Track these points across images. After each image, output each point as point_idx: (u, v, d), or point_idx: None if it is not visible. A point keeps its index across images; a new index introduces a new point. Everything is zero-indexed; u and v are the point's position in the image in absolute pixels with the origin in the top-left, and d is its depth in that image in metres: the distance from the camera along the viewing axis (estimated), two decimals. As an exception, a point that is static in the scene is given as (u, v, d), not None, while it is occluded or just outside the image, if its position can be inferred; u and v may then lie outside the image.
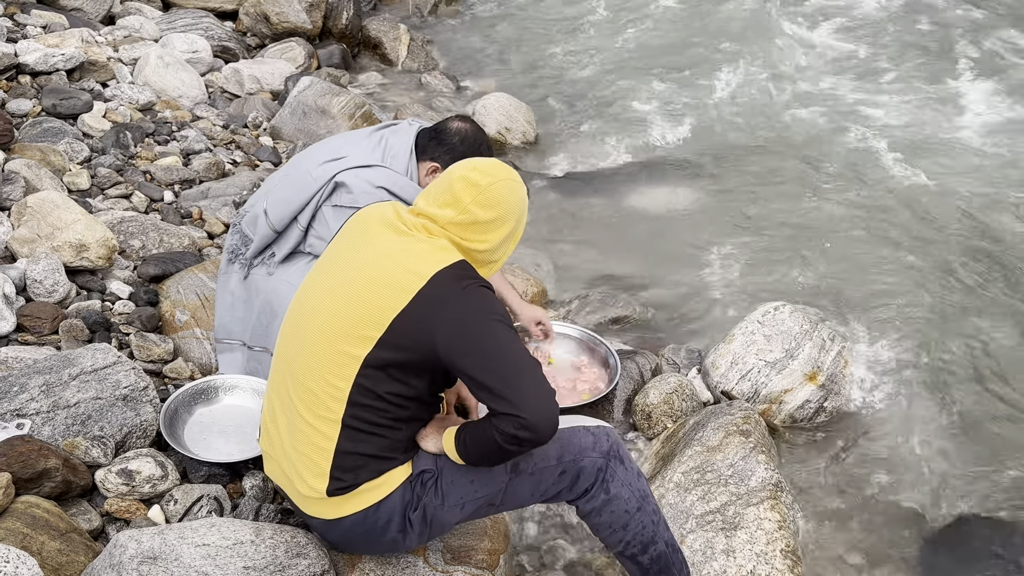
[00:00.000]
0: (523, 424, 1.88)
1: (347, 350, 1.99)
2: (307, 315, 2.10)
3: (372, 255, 2.06)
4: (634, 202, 4.91)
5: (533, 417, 1.88)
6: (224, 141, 4.73)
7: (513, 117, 5.45)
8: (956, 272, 4.25)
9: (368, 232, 2.12)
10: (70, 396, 2.49)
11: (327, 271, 2.13)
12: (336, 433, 2.02)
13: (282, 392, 2.12)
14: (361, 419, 2.02)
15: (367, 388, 2.00)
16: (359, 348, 1.98)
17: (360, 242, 2.11)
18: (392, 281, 1.99)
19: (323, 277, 2.13)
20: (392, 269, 2.01)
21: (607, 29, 7.12)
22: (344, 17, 6.39)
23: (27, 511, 2.15)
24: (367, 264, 2.04)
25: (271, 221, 2.87)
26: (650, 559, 2.26)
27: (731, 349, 3.37)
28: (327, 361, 2.01)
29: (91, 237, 3.24)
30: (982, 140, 5.48)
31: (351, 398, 2.00)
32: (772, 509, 2.70)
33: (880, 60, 6.59)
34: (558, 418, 1.94)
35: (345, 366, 1.99)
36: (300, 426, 2.06)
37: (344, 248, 2.14)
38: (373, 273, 2.02)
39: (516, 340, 1.97)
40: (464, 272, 2.03)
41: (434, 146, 2.80)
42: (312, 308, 2.09)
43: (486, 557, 2.35)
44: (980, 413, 3.44)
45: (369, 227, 2.13)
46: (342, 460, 2.04)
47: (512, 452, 1.97)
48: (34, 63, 4.51)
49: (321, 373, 2.02)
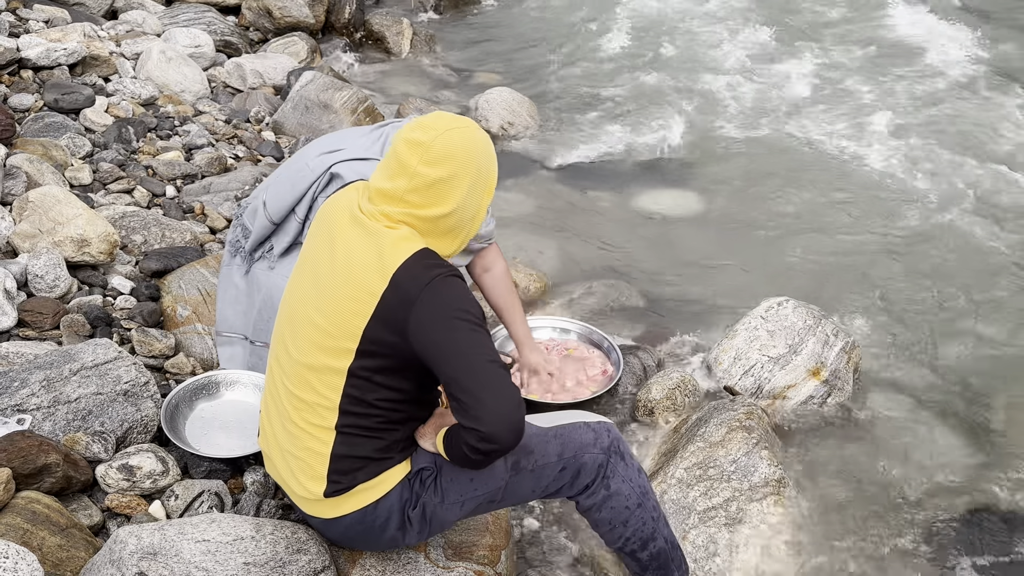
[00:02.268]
0: (482, 437, 1.81)
1: (330, 363, 1.95)
2: (293, 322, 2.06)
3: (338, 256, 1.97)
4: (637, 196, 4.89)
5: (491, 430, 1.80)
6: (226, 136, 4.72)
7: (516, 111, 5.43)
8: (962, 271, 4.24)
9: (333, 229, 2.02)
10: (71, 391, 2.48)
11: (303, 273, 2.08)
12: (331, 439, 2.01)
13: (276, 396, 2.11)
14: (355, 425, 2.00)
15: (356, 397, 1.97)
16: (340, 361, 1.94)
17: (327, 241, 2.02)
18: (357, 285, 1.91)
19: (301, 280, 2.07)
20: (355, 272, 1.92)
21: (611, 23, 7.10)
22: (347, 11, 6.38)
23: (27, 506, 2.14)
24: (333, 267, 1.97)
25: (269, 213, 2.86)
26: (649, 555, 2.26)
27: (734, 344, 3.35)
28: (314, 372, 1.98)
29: (93, 232, 3.23)
30: (990, 138, 5.45)
31: (342, 407, 1.98)
32: (775, 504, 2.69)
33: (883, 57, 6.57)
34: (522, 426, 1.83)
35: (332, 377, 1.96)
36: (294, 431, 2.05)
37: (314, 247, 2.07)
38: (339, 277, 1.94)
39: (479, 343, 1.85)
40: (426, 263, 1.90)
41: None
42: (296, 315, 2.05)
43: (487, 553, 2.35)
44: (984, 410, 3.42)
45: (334, 222, 2.03)
46: (339, 464, 2.02)
47: (481, 462, 1.90)
48: (36, 58, 4.50)
49: (310, 384, 1.99)
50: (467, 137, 1.94)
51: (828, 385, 3.29)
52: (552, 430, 2.18)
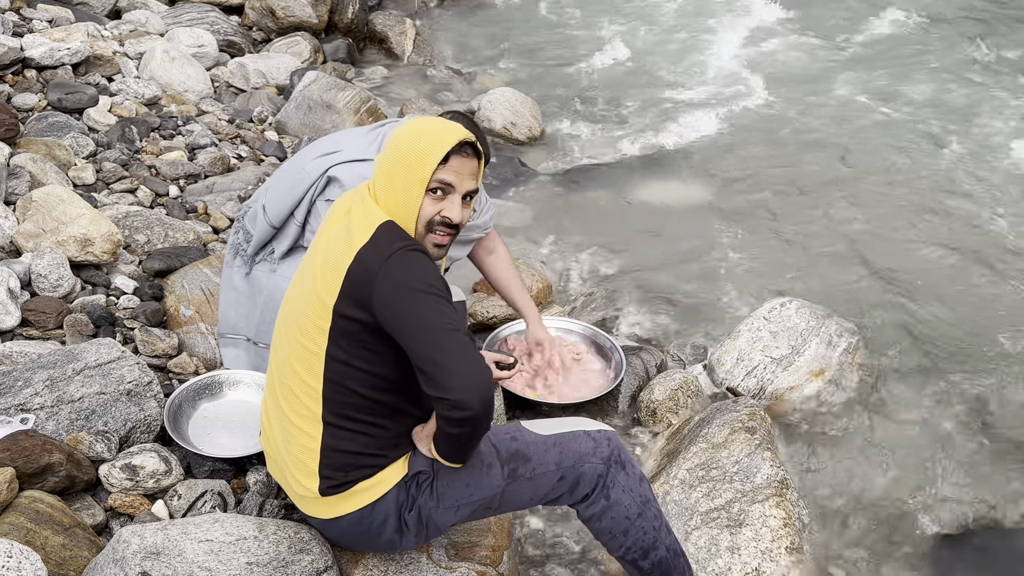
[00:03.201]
0: (452, 405, 1.81)
1: (309, 346, 1.98)
2: (288, 315, 2.10)
3: (321, 245, 2.04)
4: (641, 197, 4.89)
5: (458, 396, 1.80)
6: (229, 136, 4.72)
7: (519, 112, 5.43)
8: (967, 272, 4.23)
9: (327, 225, 2.09)
10: (74, 391, 2.48)
11: (301, 271, 2.12)
12: (319, 432, 2.02)
13: (274, 394, 2.13)
14: (340, 415, 2.01)
15: (336, 383, 1.98)
16: (317, 343, 1.96)
17: (321, 236, 2.09)
18: (330, 264, 1.96)
19: (298, 278, 2.13)
20: (331, 251, 1.98)
21: (615, 23, 7.09)
22: (350, 11, 6.38)
23: (31, 506, 2.15)
24: (318, 256, 2.02)
25: (269, 217, 2.86)
26: (651, 564, 2.25)
27: (737, 345, 3.35)
28: (299, 360, 2.00)
29: (96, 231, 3.23)
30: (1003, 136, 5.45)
31: (325, 395, 1.99)
32: (777, 506, 2.69)
33: (887, 53, 6.56)
34: (491, 391, 1.84)
35: (312, 363, 1.98)
36: (288, 427, 2.07)
37: (312, 244, 2.13)
38: (319, 263, 2.00)
39: (440, 313, 1.86)
40: (388, 236, 1.93)
41: None
42: (290, 308, 2.09)
43: (489, 553, 2.35)
44: (987, 413, 3.42)
45: (333, 215, 2.10)
46: (329, 458, 2.03)
47: (457, 436, 1.90)
48: (40, 57, 4.51)
49: (297, 373, 2.02)
50: (406, 128, 2.03)
51: (831, 386, 3.28)
52: (552, 438, 2.17)
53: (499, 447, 2.13)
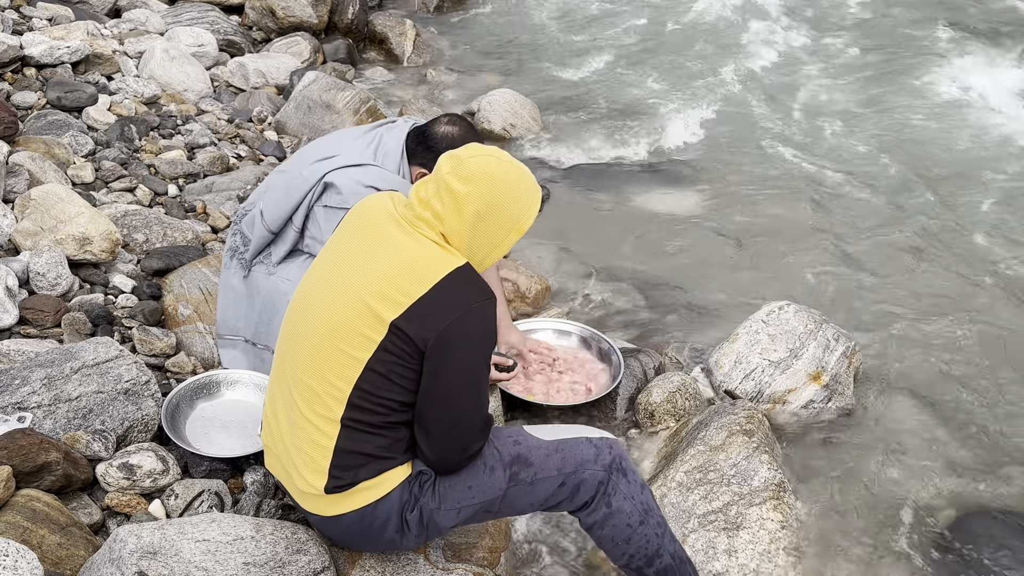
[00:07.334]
0: (428, 462, 2.08)
1: (349, 351, 1.97)
2: (310, 312, 2.08)
3: (377, 254, 2.02)
4: (639, 199, 4.89)
5: (435, 464, 2.08)
6: (229, 135, 4.72)
7: (518, 113, 5.43)
8: (964, 275, 4.24)
9: (372, 227, 2.08)
10: (72, 390, 2.48)
11: (331, 267, 2.10)
12: (336, 432, 2.01)
13: (284, 387, 2.11)
14: (360, 420, 2.00)
15: (367, 391, 1.98)
16: (361, 351, 1.96)
17: (363, 239, 2.08)
18: (394, 283, 1.96)
19: (327, 273, 2.10)
20: (396, 271, 1.98)
21: (614, 25, 7.10)
22: (350, 12, 6.38)
23: (27, 505, 2.14)
24: (372, 263, 2.01)
25: (266, 222, 2.86)
26: (656, 572, 2.24)
27: (735, 348, 3.35)
28: (330, 360, 1.99)
29: (94, 230, 3.23)
30: (994, 143, 5.45)
31: (351, 400, 1.99)
32: (775, 509, 2.69)
33: (887, 59, 6.57)
34: (463, 467, 2.09)
35: (347, 367, 1.98)
36: (300, 423, 2.05)
37: (347, 244, 2.11)
38: (377, 274, 1.99)
39: (471, 391, 2.02)
40: (467, 283, 1.99)
41: (421, 151, 2.75)
42: (316, 305, 2.07)
43: (487, 555, 2.35)
44: (985, 414, 3.42)
45: (373, 222, 2.08)
46: (341, 459, 2.02)
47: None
48: (39, 56, 4.50)
49: (323, 372, 2.00)
50: (497, 167, 2.03)
51: (829, 389, 3.29)
52: (554, 444, 2.17)
53: (502, 450, 2.13)
